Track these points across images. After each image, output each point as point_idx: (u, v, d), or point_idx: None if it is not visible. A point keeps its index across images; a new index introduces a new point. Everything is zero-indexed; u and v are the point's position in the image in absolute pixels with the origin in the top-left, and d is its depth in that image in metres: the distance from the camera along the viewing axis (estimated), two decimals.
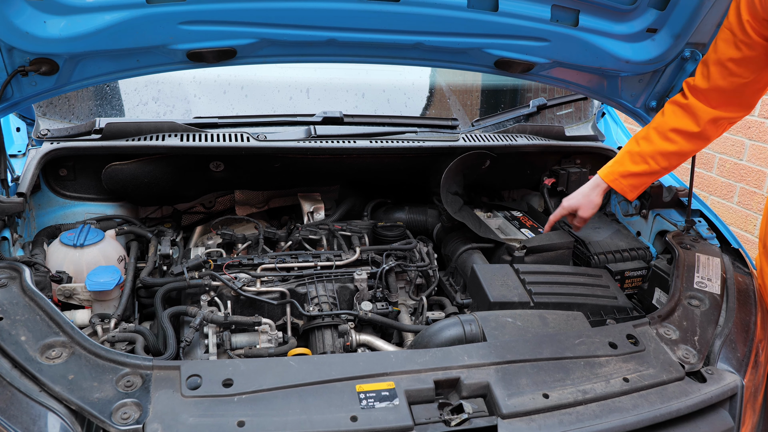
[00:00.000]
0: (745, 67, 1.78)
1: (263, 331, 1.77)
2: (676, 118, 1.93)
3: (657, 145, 1.95)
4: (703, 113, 1.89)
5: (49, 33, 1.60)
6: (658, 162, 1.97)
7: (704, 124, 1.90)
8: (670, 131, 1.94)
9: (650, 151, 1.96)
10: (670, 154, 1.96)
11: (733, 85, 1.83)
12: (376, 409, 1.28)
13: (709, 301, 1.77)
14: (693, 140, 1.94)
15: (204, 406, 1.26)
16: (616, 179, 2.03)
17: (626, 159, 2.01)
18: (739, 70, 1.79)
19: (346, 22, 1.77)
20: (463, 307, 1.98)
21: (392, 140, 2.33)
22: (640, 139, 2.00)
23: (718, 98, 1.87)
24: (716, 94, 1.86)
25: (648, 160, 1.97)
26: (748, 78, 1.81)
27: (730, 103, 1.88)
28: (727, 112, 1.89)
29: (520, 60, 2.02)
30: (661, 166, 1.98)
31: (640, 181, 2.02)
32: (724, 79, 1.82)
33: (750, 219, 4.03)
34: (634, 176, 2.01)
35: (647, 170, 1.98)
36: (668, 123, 1.94)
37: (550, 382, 1.41)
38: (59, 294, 1.80)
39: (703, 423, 1.44)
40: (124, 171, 2.15)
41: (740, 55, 1.76)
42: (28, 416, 1.21)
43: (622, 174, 2.02)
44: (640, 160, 1.98)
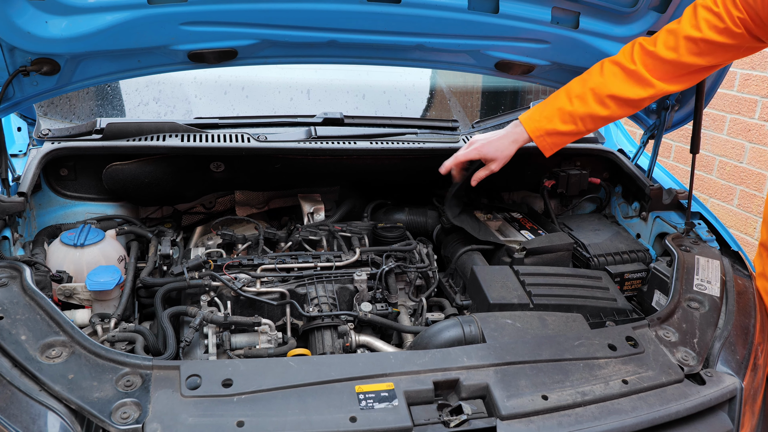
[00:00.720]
0: (716, 52, 1.74)
1: (263, 331, 1.77)
2: (617, 83, 1.84)
3: (591, 107, 1.86)
4: (645, 85, 1.82)
5: (50, 33, 1.60)
6: (586, 124, 1.90)
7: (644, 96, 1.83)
8: (608, 96, 1.85)
9: (582, 112, 1.88)
10: (599, 119, 1.89)
11: (695, 64, 1.77)
12: (376, 410, 1.29)
13: (709, 304, 1.78)
14: (626, 107, 1.87)
15: (203, 406, 1.26)
16: (542, 136, 1.93)
17: (556, 116, 1.91)
18: (709, 50, 1.74)
19: (346, 23, 1.78)
20: (463, 308, 1.98)
21: (392, 141, 2.34)
22: (574, 98, 1.89)
23: (670, 72, 1.80)
24: (672, 67, 1.79)
25: (577, 121, 1.89)
26: (713, 62, 1.77)
27: (678, 80, 1.82)
28: (670, 87, 1.83)
29: (521, 62, 2.02)
30: (586, 128, 1.91)
31: (563, 140, 1.95)
32: (690, 55, 1.76)
33: (750, 222, 4.03)
34: (560, 135, 1.92)
35: (573, 131, 1.91)
36: (608, 87, 1.85)
37: (550, 384, 1.41)
38: (59, 293, 1.80)
39: (702, 425, 1.44)
40: (124, 171, 2.15)
41: (720, 40, 1.72)
42: (27, 415, 1.21)
43: (549, 132, 1.92)
44: (569, 120, 1.89)
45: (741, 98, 3.99)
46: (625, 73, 1.84)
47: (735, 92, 4.02)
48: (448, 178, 2.62)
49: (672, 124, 2.36)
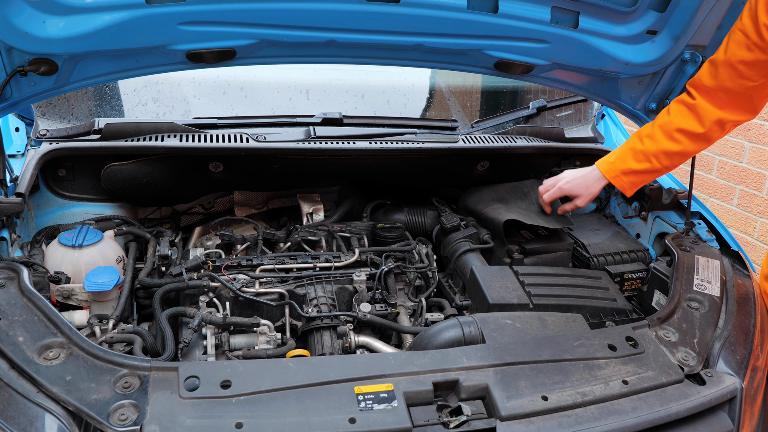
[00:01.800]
0: (756, 70, 1.77)
1: (262, 332, 1.76)
2: (681, 117, 1.92)
3: (661, 144, 1.94)
4: (709, 113, 1.88)
5: (48, 33, 1.59)
6: (661, 161, 1.96)
7: (709, 125, 1.89)
8: (676, 131, 1.92)
9: (654, 150, 1.95)
10: (673, 154, 1.95)
11: (741, 88, 1.81)
12: (375, 411, 1.28)
13: (709, 304, 1.77)
14: (697, 141, 1.93)
15: (202, 407, 1.25)
16: (618, 176, 2.02)
17: (629, 156, 2.00)
18: (749, 72, 1.78)
19: (345, 23, 1.77)
20: (462, 308, 1.97)
21: (392, 141, 2.33)
22: (644, 137, 1.98)
23: (726, 99, 1.86)
24: (723, 95, 1.85)
25: (651, 158, 1.96)
26: (757, 81, 1.79)
27: (737, 105, 1.87)
28: (733, 115, 1.88)
29: (520, 61, 2.02)
30: (663, 165, 1.97)
31: (640, 179, 2.02)
32: (732, 80, 1.81)
33: (750, 221, 4.03)
34: (636, 174, 2.00)
35: (649, 168, 1.98)
36: (674, 123, 1.93)
37: (549, 385, 1.41)
38: (57, 294, 1.79)
39: (702, 426, 1.43)
40: (123, 171, 2.15)
41: (752, 58, 1.74)
42: (25, 417, 1.21)
43: (624, 171, 2.00)
44: (643, 158, 1.97)
45: None
46: (687, 108, 1.92)
47: None
48: (447, 178, 2.63)
49: None
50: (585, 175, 2.09)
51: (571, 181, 2.11)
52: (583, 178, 2.09)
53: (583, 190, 2.09)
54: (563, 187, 2.12)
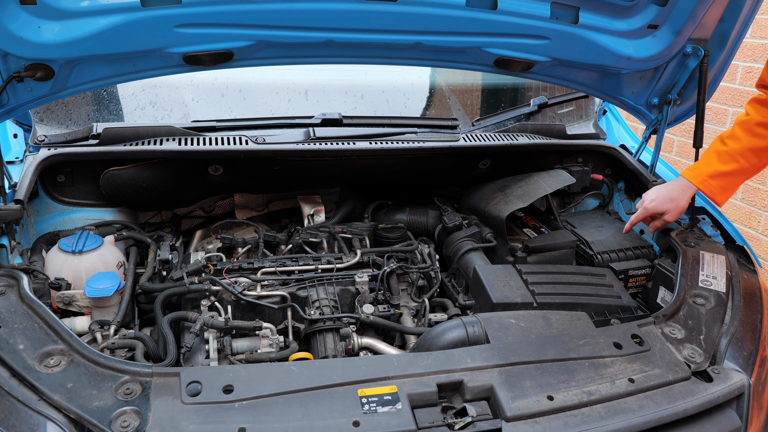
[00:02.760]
0: None
1: (264, 335, 1.75)
2: (759, 113, 1.89)
3: (745, 141, 1.89)
4: None
5: (43, 38, 1.59)
6: (748, 159, 1.90)
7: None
8: (756, 125, 1.88)
9: (739, 148, 1.90)
10: (759, 150, 1.90)
11: None
12: (379, 414, 1.27)
13: (715, 300, 1.76)
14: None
15: (204, 413, 1.24)
16: (705, 180, 1.95)
17: (713, 159, 1.93)
18: None
19: (343, 22, 1.76)
20: (466, 308, 1.96)
21: (392, 141, 2.32)
22: (726, 138, 1.93)
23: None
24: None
25: (737, 157, 1.90)
26: None
27: None
28: None
29: (520, 58, 2.00)
30: (750, 164, 1.91)
31: (729, 181, 1.94)
32: None
33: (754, 215, 4.01)
34: (724, 176, 1.93)
35: (737, 169, 1.91)
36: (753, 119, 1.89)
37: (555, 384, 1.40)
38: (58, 301, 1.79)
39: (710, 423, 1.42)
40: (122, 176, 2.14)
41: None
42: (27, 426, 1.20)
43: (711, 175, 1.93)
44: (729, 159, 1.91)
45: (743, 91, 3.96)
46: (761, 104, 1.89)
47: (737, 85, 3.99)
48: (448, 177, 2.61)
49: (674, 118, 2.34)
50: (669, 188, 2.02)
51: (655, 199, 2.03)
52: (667, 192, 2.01)
53: (669, 203, 2.01)
54: (648, 207, 2.04)
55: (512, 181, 2.37)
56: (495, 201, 2.26)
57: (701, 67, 2.09)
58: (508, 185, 2.35)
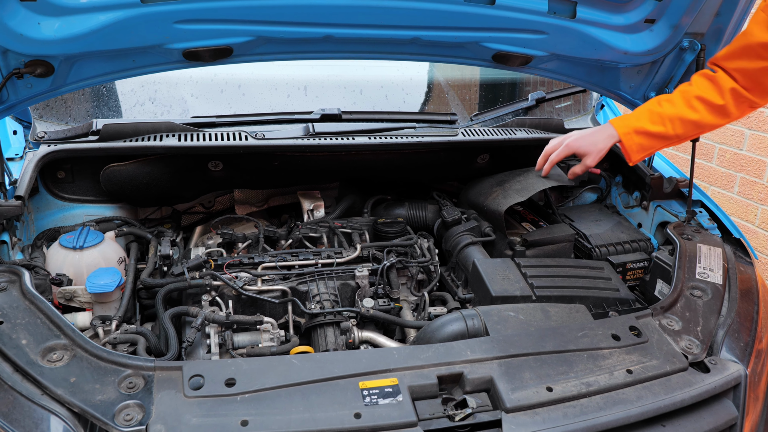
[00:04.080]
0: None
1: (265, 330, 1.76)
2: (702, 87, 1.88)
3: (679, 109, 1.88)
4: (727, 83, 1.84)
5: (43, 34, 1.59)
6: (675, 127, 1.89)
7: (728, 97, 1.84)
8: (695, 98, 1.87)
9: (671, 113, 1.88)
10: (689, 122, 1.88)
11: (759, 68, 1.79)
12: (380, 406, 1.28)
13: (712, 292, 1.77)
14: (715, 113, 1.88)
15: (207, 406, 1.25)
16: (629, 133, 1.92)
17: (645, 116, 1.92)
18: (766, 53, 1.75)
19: (342, 18, 1.76)
20: (465, 302, 1.97)
21: (391, 136, 2.32)
22: (663, 101, 1.92)
23: (742, 81, 1.83)
24: (740, 75, 1.82)
25: (666, 122, 1.89)
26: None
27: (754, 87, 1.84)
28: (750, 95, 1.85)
29: (518, 53, 2.01)
30: (676, 133, 1.90)
31: (650, 142, 1.93)
32: (751, 62, 1.79)
33: (751, 208, 4.02)
34: (648, 136, 1.91)
35: (662, 132, 1.90)
36: (694, 90, 1.88)
37: (554, 376, 1.41)
38: (59, 297, 1.79)
39: (708, 413, 1.44)
40: (122, 172, 2.14)
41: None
42: (30, 420, 1.21)
43: (637, 130, 1.91)
44: (659, 121, 1.89)
45: None
46: (708, 79, 1.88)
47: None
48: (447, 171, 2.62)
49: None
50: (594, 132, 1.98)
51: (579, 138, 1.99)
52: (592, 135, 1.98)
53: (592, 147, 1.96)
54: (571, 144, 1.99)
55: (511, 176, 2.38)
56: (494, 195, 2.27)
57: (698, 61, 2.09)
58: (506, 180, 2.36)
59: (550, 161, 2.05)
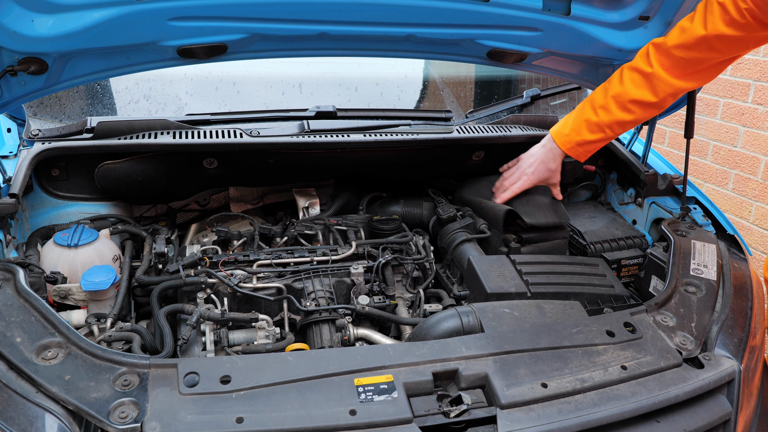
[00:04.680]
0: (728, 45, 1.78)
1: (260, 327, 1.76)
2: (635, 88, 1.93)
3: (615, 115, 1.98)
4: (664, 85, 1.89)
5: (37, 32, 1.58)
6: (614, 130, 2.02)
7: (664, 96, 1.91)
8: (629, 102, 1.95)
9: (608, 121, 2.00)
10: (626, 123, 2.00)
11: (707, 59, 1.83)
12: (375, 403, 1.28)
13: (706, 288, 1.78)
14: (650, 109, 1.97)
15: (202, 403, 1.25)
16: (573, 148, 2.08)
17: (584, 128, 2.04)
18: (721, 46, 1.79)
19: (336, 15, 1.76)
20: (461, 298, 1.97)
21: (386, 133, 2.32)
22: (598, 108, 2.01)
23: (686, 68, 1.87)
24: (685, 63, 1.86)
25: (605, 129, 2.02)
26: (726, 55, 1.82)
27: (699, 75, 1.89)
28: (689, 83, 1.91)
29: (513, 50, 2.02)
30: (615, 133, 2.04)
31: (594, 147, 2.09)
32: (701, 52, 1.82)
33: (745, 205, 4.04)
34: (591, 144, 2.07)
35: (602, 138, 2.04)
36: (628, 93, 1.95)
37: (549, 372, 1.41)
38: (54, 295, 1.79)
39: (702, 409, 1.44)
40: (117, 170, 2.14)
41: (730, 34, 1.75)
42: (25, 418, 1.21)
43: (579, 143, 2.07)
44: (597, 130, 2.02)
45: (734, 82, 3.99)
46: (643, 77, 1.92)
47: (728, 76, 4.02)
48: (442, 168, 2.62)
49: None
50: (543, 156, 2.14)
51: (535, 170, 2.16)
52: (543, 161, 2.15)
53: (548, 173, 2.16)
54: (531, 178, 2.17)
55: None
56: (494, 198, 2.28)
57: None
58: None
59: (510, 191, 2.20)
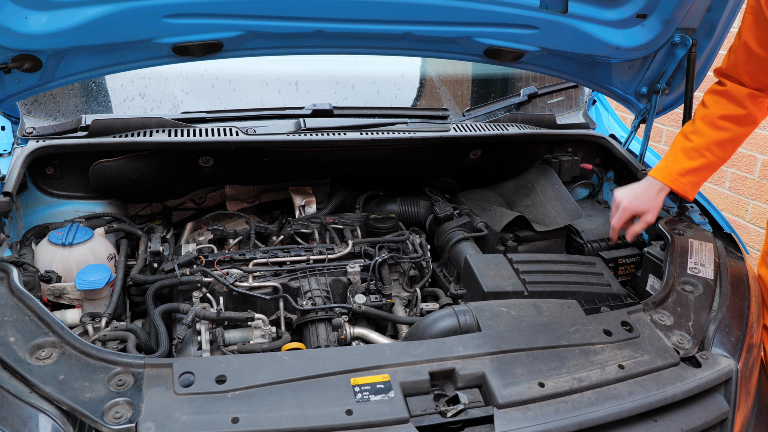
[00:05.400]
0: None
1: (256, 326, 1.75)
2: (719, 106, 1.91)
3: (709, 136, 1.91)
4: (742, 93, 1.88)
5: (31, 29, 1.57)
6: (714, 152, 1.92)
7: (748, 104, 1.88)
8: (719, 119, 1.90)
9: (704, 143, 1.92)
10: (723, 142, 1.92)
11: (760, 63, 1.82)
12: (372, 402, 1.28)
13: (703, 287, 1.77)
14: (742, 123, 1.92)
15: (197, 403, 1.25)
16: (676, 179, 1.95)
17: (681, 156, 1.95)
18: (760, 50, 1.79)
19: (333, 12, 1.75)
20: (457, 297, 1.97)
21: (383, 131, 2.31)
22: (689, 134, 1.95)
23: (750, 80, 1.87)
24: (748, 77, 1.86)
25: (704, 152, 1.92)
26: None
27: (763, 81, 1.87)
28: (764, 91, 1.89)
29: (510, 48, 2.01)
30: (717, 156, 1.94)
31: (698, 176, 1.96)
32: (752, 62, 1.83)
33: (741, 204, 4.04)
34: (693, 172, 1.94)
35: (705, 164, 1.93)
36: (714, 112, 1.91)
37: (546, 371, 1.41)
38: (49, 294, 1.78)
39: (699, 408, 1.44)
40: (111, 168, 2.12)
41: (762, 35, 1.76)
42: (18, 418, 1.20)
43: (681, 173, 1.94)
44: (695, 155, 1.92)
45: None
46: (720, 95, 1.92)
47: None
48: (439, 167, 2.62)
49: (663, 108, 2.36)
50: (645, 190, 1.99)
51: (633, 200, 2.00)
52: (644, 193, 1.99)
53: (649, 204, 1.98)
54: (629, 207, 2.00)
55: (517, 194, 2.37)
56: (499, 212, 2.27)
57: (689, 57, 2.10)
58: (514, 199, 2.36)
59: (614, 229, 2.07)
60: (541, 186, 2.35)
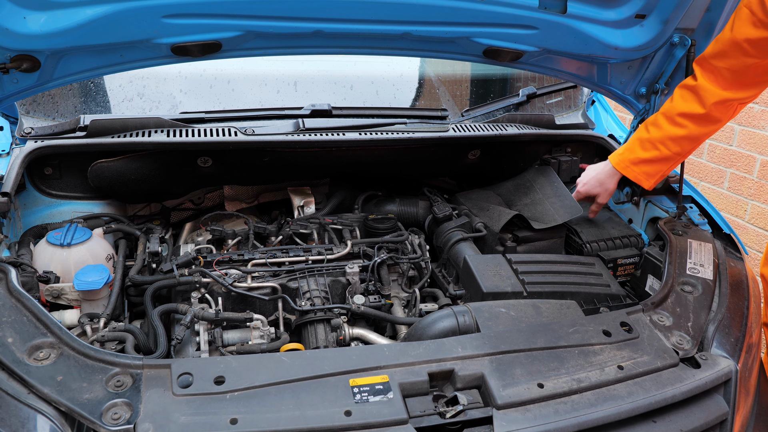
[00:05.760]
0: (759, 48, 1.77)
1: (255, 327, 1.75)
2: (683, 102, 1.93)
3: (666, 130, 1.95)
4: (709, 95, 1.87)
5: (29, 29, 1.57)
6: (669, 147, 1.96)
7: (710, 106, 1.88)
8: (678, 116, 1.93)
9: (659, 136, 1.96)
10: (680, 139, 1.95)
11: (745, 65, 1.81)
12: (371, 403, 1.27)
13: (702, 287, 1.77)
14: (702, 122, 1.93)
15: (196, 404, 1.24)
16: (628, 167, 2.04)
17: (636, 146, 2.01)
18: (754, 50, 1.78)
19: (332, 12, 1.75)
20: (456, 298, 1.97)
21: (381, 132, 2.31)
22: (649, 125, 1.99)
23: (730, 78, 1.86)
24: (728, 73, 1.85)
25: (658, 145, 1.96)
26: (762, 58, 1.79)
27: (740, 83, 1.87)
28: (738, 93, 1.88)
29: (509, 49, 2.01)
30: (672, 152, 1.97)
31: (653, 168, 2.01)
32: (737, 59, 1.81)
33: (740, 204, 4.04)
34: (646, 163, 2.00)
35: (658, 156, 1.98)
36: (676, 108, 1.94)
37: (545, 372, 1.41)
38: (47, 294, 1.77)
39: (698, 409, 1.44)
40: (110, 168, 2.12)
41: (758, 35, 1.74)
42: (16, 419, 1.19)
43: (633, 161, 2.02)
44: (650, 147, 1.98)
45: None
46: (690, 91, 1.92)
47: None
48: (438, 168, 2.62)
49: None
50: (598, 173, 2.13)
51: (586, 183, 2.16)
52: (596, 176, 2.14)
53: (599, 187, 2.14)
54: (580, 190, 2.18)
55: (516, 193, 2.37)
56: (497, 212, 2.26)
57: (688, 57, 2.09)
58: (513, 198, 2.35)
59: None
60: (539, 185, 2.35)
